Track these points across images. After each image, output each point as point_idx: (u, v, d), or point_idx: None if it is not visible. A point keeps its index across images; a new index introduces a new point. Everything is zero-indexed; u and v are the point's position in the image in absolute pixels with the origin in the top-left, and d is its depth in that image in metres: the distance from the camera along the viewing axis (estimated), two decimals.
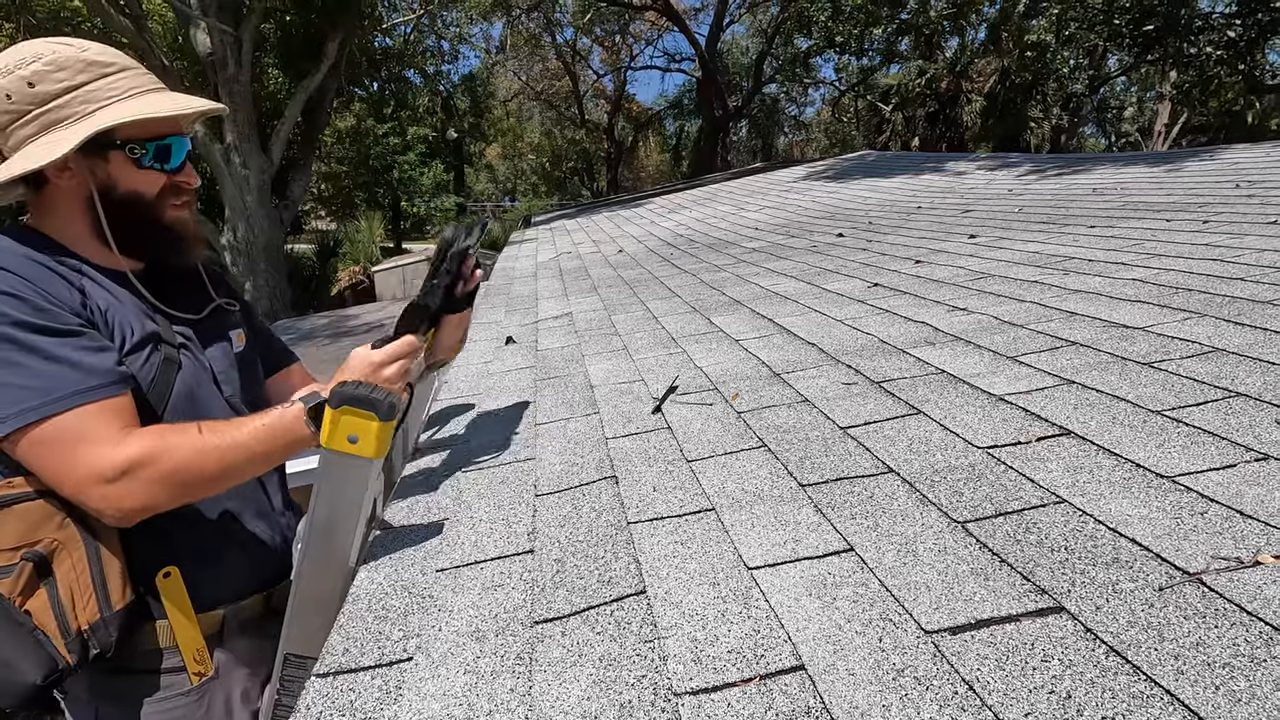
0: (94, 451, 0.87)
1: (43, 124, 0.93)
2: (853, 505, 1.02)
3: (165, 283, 1.08)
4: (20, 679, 0.88)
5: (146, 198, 1.00)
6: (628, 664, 0.75)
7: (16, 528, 0.90)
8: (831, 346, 1.84)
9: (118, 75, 0.97)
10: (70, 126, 0.92)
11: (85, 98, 0.94)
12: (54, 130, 0.93)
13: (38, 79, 0.92)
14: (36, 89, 0.91)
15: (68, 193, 0.97)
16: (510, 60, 26.52)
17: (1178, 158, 5.11)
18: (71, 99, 0.93)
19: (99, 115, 0.93)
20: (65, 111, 0.93)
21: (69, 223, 0.99)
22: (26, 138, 0.93)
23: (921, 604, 0.78)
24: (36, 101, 0.92)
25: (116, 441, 0.88)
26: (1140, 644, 0.67)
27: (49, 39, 0.97)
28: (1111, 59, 17.26)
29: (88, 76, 0.94)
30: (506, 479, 1.28)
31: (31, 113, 0.92)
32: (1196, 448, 1.04)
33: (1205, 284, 1.89)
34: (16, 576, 0.89)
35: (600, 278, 3.81)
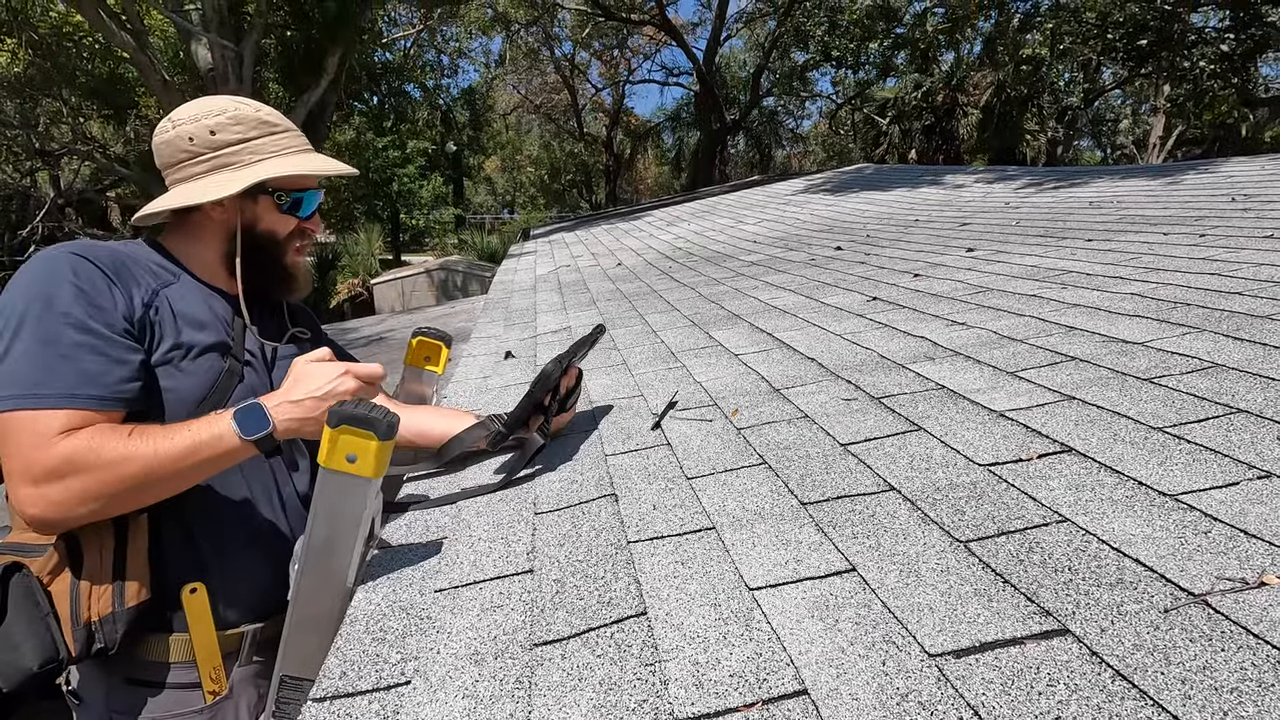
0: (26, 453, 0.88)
1: (214, 165, 1.09)
2: (854, 524, 1.01)
3: (251, 308, 1.17)
4: (20, 662, 0.91)
5: (278, 237, 1.16)
6: (629, 688, 0.74)
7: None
8: (831, 361, 1.84)
9: (280, 135, 1.13)
10: (237, 171, 1.09)
11: (253, 149, 1.10)
12: (223, 171, 1.09)
13: (219, 129, 1.08)
14: (216, 137, 1.08)
15: (215, 222, 1.12)
16: (509, 74, 26.72)
17: (1173, 171, 5.14)
18: (242, 149, 1.09)
19: (262, 165, 1.09)
20: (234, 158, 1.09)
21: (204, 246, 1.13)
22: (195, 175, 1.09)
23: (925, 626, 0.77)
24: (214, 147, 1.08)
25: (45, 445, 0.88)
26: (1146, 667, 0.67)
27: (233, 98, 1.14)
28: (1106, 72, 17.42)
29: (258, 133, 1.11)
30: (505, 496, 1.28)
31: (206, 156, 1.08)
32: (1199, 465, 1.04)
33: (1204, 298, 1.90)
34: (48, 557, 0.95)
35: (599, 291, 3.81)
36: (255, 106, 1.12)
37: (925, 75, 18.79)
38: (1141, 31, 10.18)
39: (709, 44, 20.23)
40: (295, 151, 1.15)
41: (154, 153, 1.13)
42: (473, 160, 29.93)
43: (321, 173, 1.16)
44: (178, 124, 1.09)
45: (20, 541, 0.98)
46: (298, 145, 1.15)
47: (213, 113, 1.09)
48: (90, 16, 8.47)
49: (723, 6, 19.33)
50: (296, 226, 1.18)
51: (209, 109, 1.09)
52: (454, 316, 5.92)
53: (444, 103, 22.64)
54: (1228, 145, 14.71)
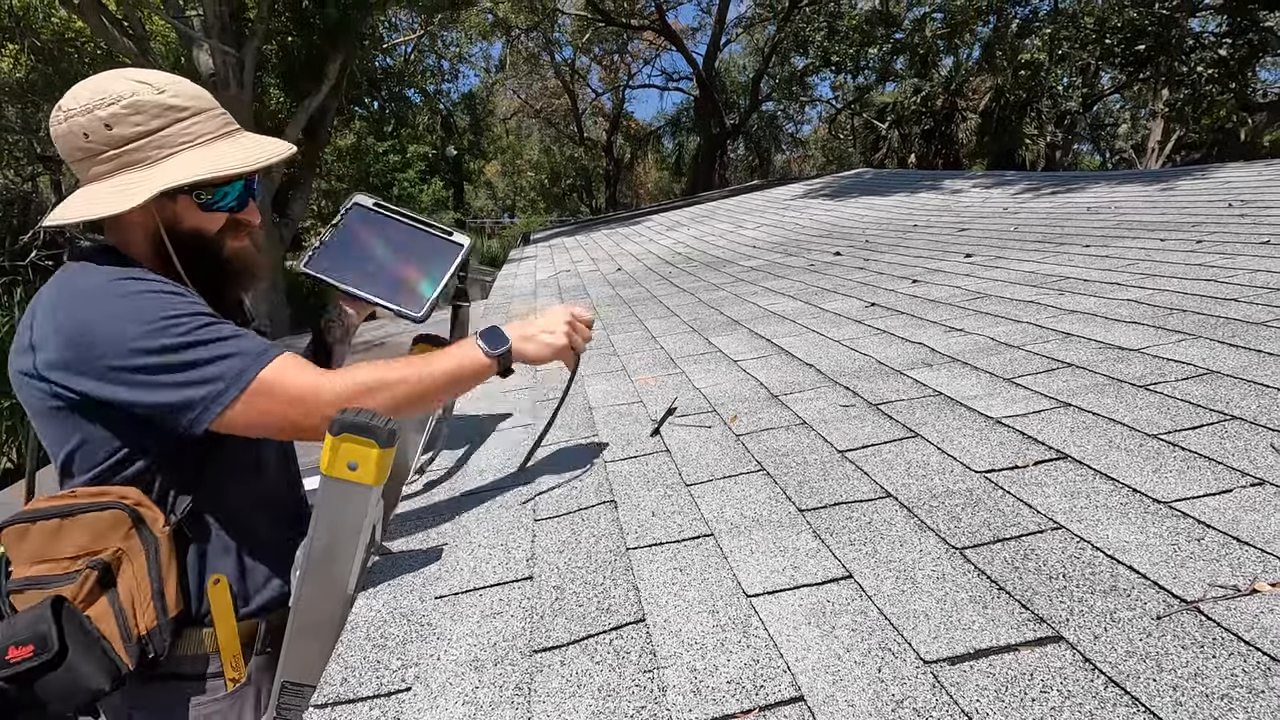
0: (315, 386, 0.98)
1: (118, 164, 0.97)
2: (851, 531, 1.02)
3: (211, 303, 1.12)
4: (87, 685, 0.92)
5: (207, 234, 1.06)
6: (627, 694, 0.75)
7: (79, 538, 0.96)
8: (829, 367, 1.85)
9: (192, 120, 1.00)
10: (143, 170, 0.97)
11: (159, 143, 0.98)
12: (128, 171, 0.97)
13: (115, 121, 0.95)
14: (113, 131, 0.95)
15: (137, 225, 1.03)
16: (509, 79, 26.79)
17: (1171, 176, 5.15)
18: (146, 144, 0.97)
19: (168, 164, 0.98)
20: (139, 155, 0.97)
21: (138, 247, 1.04)
22: (101, 174, 0.98)
23: (920, 633, 0.78)
24: (112, 144, 0.96)
25: (331, 378, 1.00)
26: (1139, 674, 0.67)
27: (130, 73, 0.99)
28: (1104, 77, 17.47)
29: (163, 122, 0.98)
30: (505, 503, 1.28)
31: (107, 153, 0.96)
32: (1193, 472, 1.04)
33: (1199, 305, 1.91)
34: (80, 583, 0.94)
35: (599, 296, 3.82)
36: (158, 87, 0.97)
37: (924, 80, 18.84)
38: (1139, 36, 10.21)
39: (709, 49, 20.29)
40: (210, 138, 1.01)
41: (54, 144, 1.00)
42: (473, 165, 30.00)
43: (240, 169, 1.01)
44: (69, 115, 0.95)
45: (37, 575, 0.96)
46: (215, 130, 1.02)
47: (106, 101, 0.94)
48: (92, 23, 8.51)
49: (722, 11, 19.41)
50: (228, 219, 1.06)
51: (102, 96, 0.94)
52: None
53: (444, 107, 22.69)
54: (1226, 150, 14.74)
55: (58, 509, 0.96)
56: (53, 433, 1.00)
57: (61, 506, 0.97)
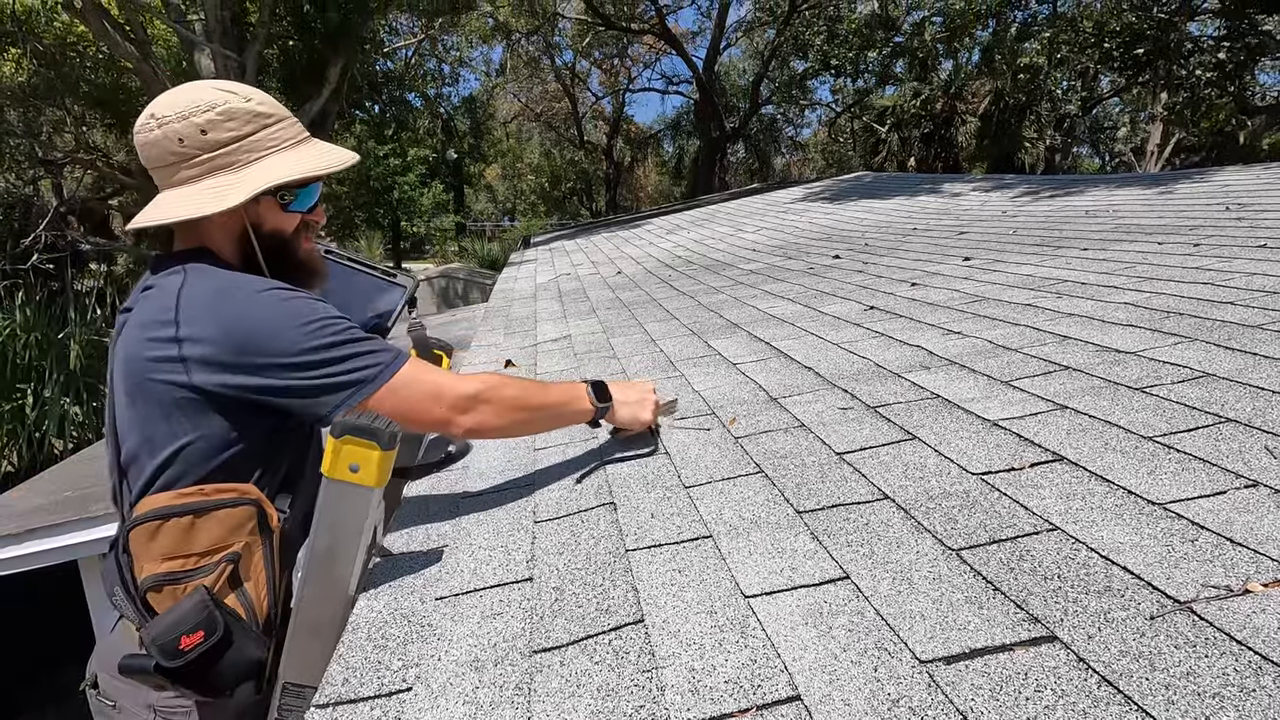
0: (447, 383, 1.10)
1: (210, 168, 1.02)
2: (849, 532, 1.03)
3: None
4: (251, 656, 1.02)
5: (286, 234, 1.12)
6: (626, 694, 0.76)
7: (214, 533, 1.01)
8: (828, 370, 1.86)
9: (276, 126, 1.07)
10: (236, 172, 1.03)
11: (249, 147, 1.04)
12: (220, 174, 1.02)
13: (210, 127, 1.00)
14: (209, 136, 1.01)
15: (221, 226, 1.07)
16: (510, 83, 26.85)
17: (1169, 179, 5.17)
18: (237, 148, 1.03)
19: (261, 165, 1.04)
20: (230, 158, 1.02)
21: (224, 248, 1.09)
22: (191, 178, 1.02)
23: (916, 633, 0.79)
24: (207, 148, 1.01)
25: (459, 378, 1.12)
26: (1132, 673, 0.68)
27: (217, 84, 1.05)
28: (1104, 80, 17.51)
29: (253, 128, 1.04)
30: (505, 505, 1.29)
31: (200, 157, 1.01)
32: (1188, 474, 1.05)
33: (1196, 308, 1.92)
34: (218, 575, 1.01)
35: (599, 299, 3.83)
36: (244, 96, 1.04)
37: (924, 83, 18.88)
38: (1138, 40, 10.25)
39: (708, 53, 20.36)
40: (293, 143, 1.08)
41: (139, 151, 1.05)
42: (473, 168, 30.04)
43: (325, 170, 1.09)
44: (164, 122, 1.00)
45: (169, 570, 1.00)
46: (294, 135, 1.09)
47: (201, 108, 1.00)
48: (94, 27, 8.53)
49: (722, 15, 19.47)
50: (301, 220, 1.14)
51: (196, 103, 1.00)
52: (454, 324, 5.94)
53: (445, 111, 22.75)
54: (1225, 153, 14.77)
55: (190, 506, 1.00)
56: (169, 425, 1.00)
57: (193, 504, 1.00)
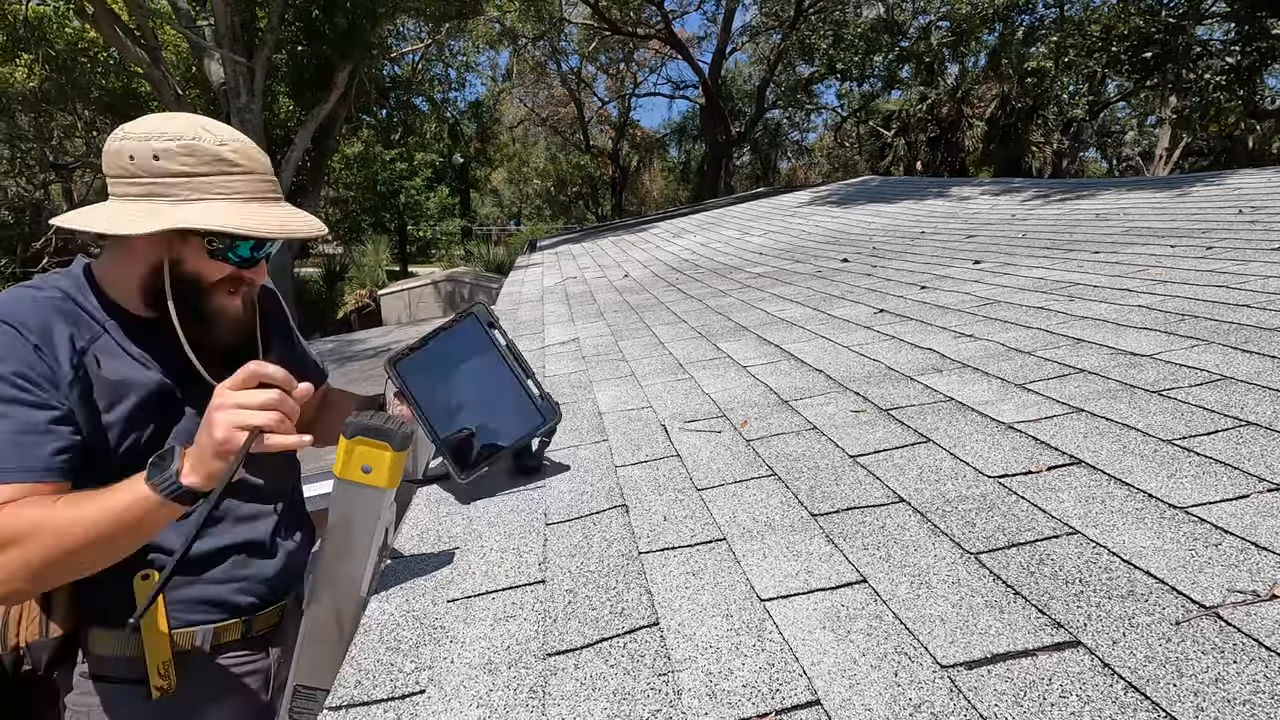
0: None
1: (146, 192, 0.98)
2: (864, 535, 1.02)
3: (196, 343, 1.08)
4: None
5: (204, 282, 1.05)
6: (642, 698, 0.75)
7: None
8: (839, 373, 1.85)
9: (235, 177, 1.01)
10: (172, 204, 0.98)
11: (195, 186, 0.99)
12: (156, 201, 0.98)
13: (164, 155, 0.97)
14: (159, 163, 0.97)
15: (140, 249, 1.02)
16: (516, 87, 26.96)
17: (1180, 183, 5.14)
18: (181, 183, 0.98)
19: (194, 207, 0.98)
20: (170, 190, 0.98)
21: (129, 270, 1.04)
22: (127, 195, 0.99)
23: (937, 638, 0.77)
24: (151, 173, 0.98)
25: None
26: (1159, 679, 0.67)
27: (201, 120, 1.01)
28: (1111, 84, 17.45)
29: (209, 170, 0.99)
30: (516, 507, 1.29)
31: (142, 179, 0.98)
32: (1209, 478, 1.04)
33: (1211, 310, 1.90)
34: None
35: (606, 303, 3.83)
36: (221, 139, 1.00)
37: (930, 88, 18.87)
38: (1146, 44, 10.22)
39: (714, 57, 20.38)
40: (245, 198, 1.02)
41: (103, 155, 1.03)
42: (479, 172, 30.14)
43: (261, 232, 1.01)
44: (126, 137, 0.99)
45: None
46: (251, 191, 1.03)
47: (165, 135, 0.98)
48: (105, 32, 8.61)
49: (728, 20, 19.50)
50: (231, 273, 1.06)
51: (164, 130, 0.98)
52: None
53: (451, 116, 22.85)
54: (1234, 157, 14.69)
55: None
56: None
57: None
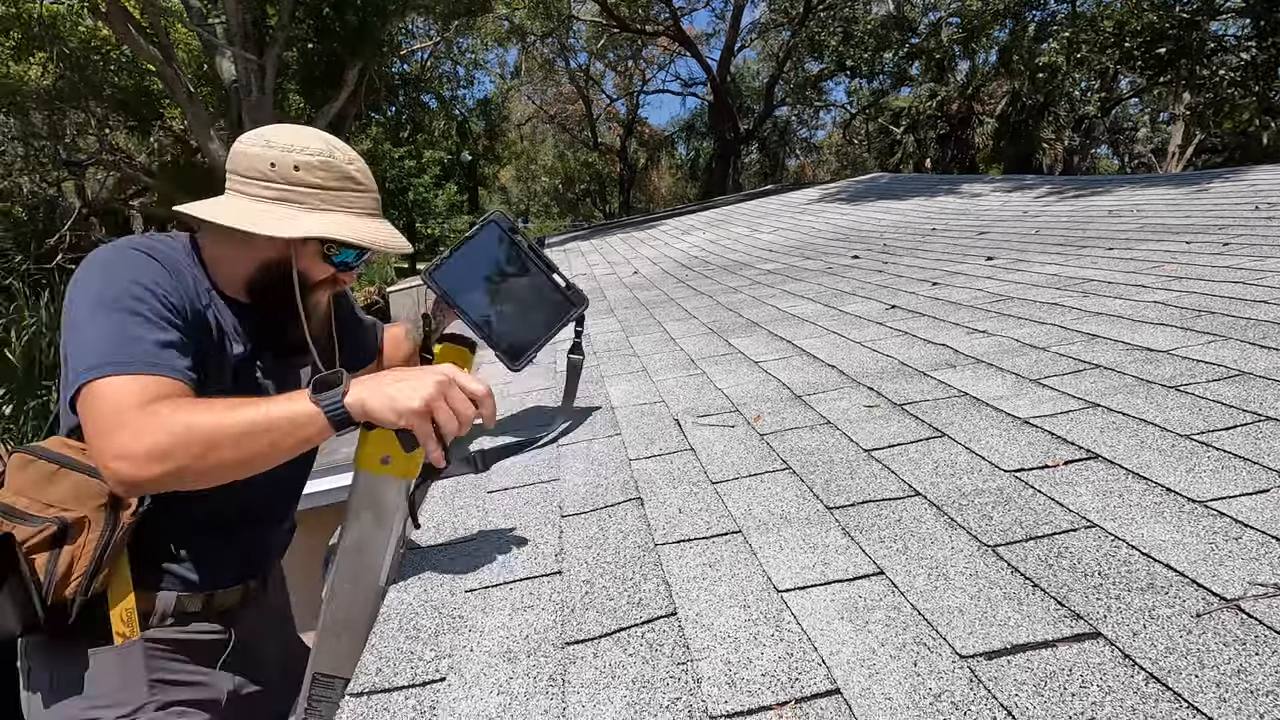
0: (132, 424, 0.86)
1: (279, 197, 1.08)
2: (881, 528, 1.02)
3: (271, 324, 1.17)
4: (4, 625, 0.96)
5: (310, 280, 1.15)
6: (662, 686, 0.75)
7: (64, 491, 0.99)
8: (851, 368, 1.84)
9: (357, 192, 1.13)
10: (301, 212, 1.08)
11: (325, 198, 1.09)
12: (286, 206, 1.08)
13: (304, 167, 1.08)
14: (298, 174, 1.07)
15: (260, 244, 1.10)
16: (524, 85, 26.98)
17: (1196, 179, 5.09)
18: (314, 194, 1.09)
19: (325, 217, 1.09)
20: (303, 199, 1.08)
21: (238, 265, 1.12)
22: (258, 196, 1.08)
23: (955, 629, 0.78)
24: (289, 181, 1.07)
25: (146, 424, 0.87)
26: (1180, 670, 0.67)
27: (327, 137, 1.12)
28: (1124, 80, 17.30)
29: (338, 185, 1.10)
30: (531, 500, 1.29)
31: (278, 185, 1.07)
32: (1228, 472, 1.03)
33: (1228, 307, 1.88)
34: (39, 530, 0.97)
35: (616, 299, 3.83)
36: (349, 159, 1.12)
37: (940, 84, 18.75)
38: (1160, 40, 10.11)
39: (723, 54, 20.31)
40: (362, 214, 1.13)
41: (231, 154, 1.12)
42: (487, 169, 30.17)
43: (377, 245, 1.13)
44: (269, 145, 1.08)
45: (10, 505, 0.99)
46: (368, 208, 1.15)
47: (306, 150, 1.08)
48: (119, 30, 8.67)
49: (737, 17, 19.43)
50: (331, 275, 1.17)
51: (304, 144, 1.08)
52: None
53: (460, 113, 22.88)
54: (1248, 154, 14.53)
55: (62, 457, 1.00)
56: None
57: (65, 457, 1.00)
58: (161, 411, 0.88)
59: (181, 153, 12.24)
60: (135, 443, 0.86)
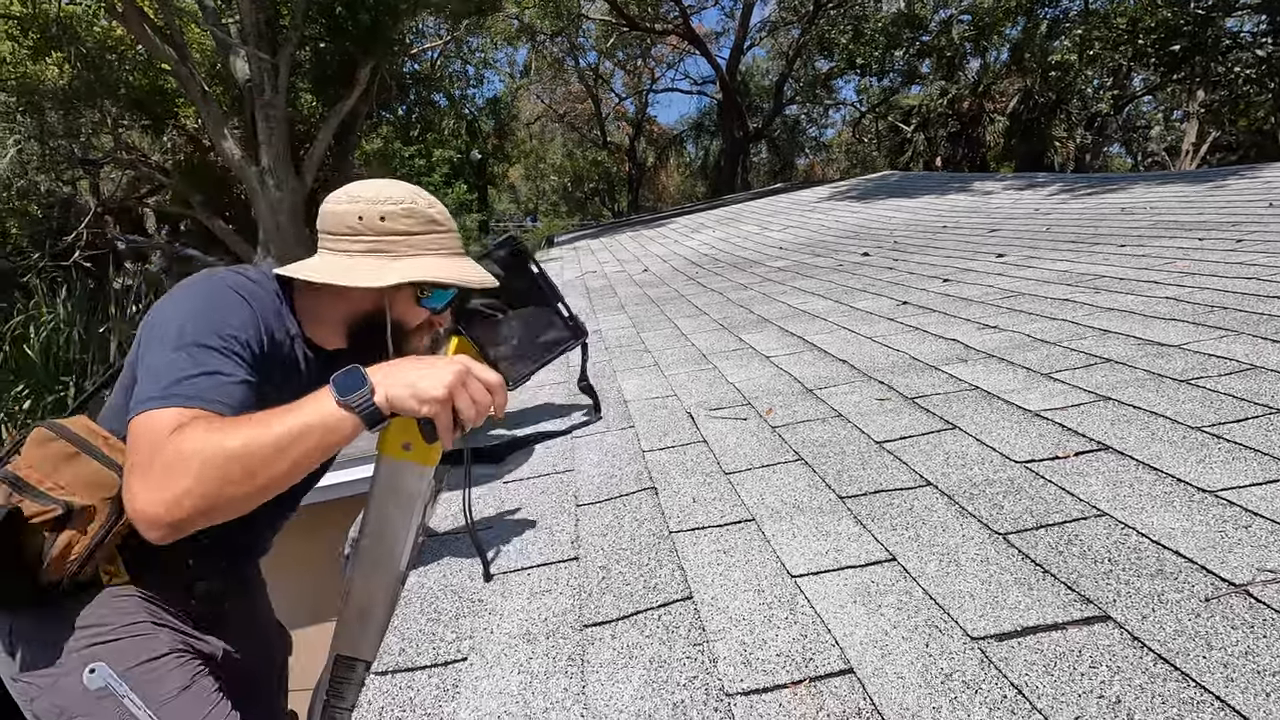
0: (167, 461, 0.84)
1: (370, 248, 1.10)
2: (892, 517, 1.03)
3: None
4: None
5: (406, 326, 1.18)
6: (678, 665, 0.77)
7: (77, 476, 0.99)
8: (862, 363, 1.85)
9: (440, 234, 1.15)
10: (391, 260, 1.10)
11: (411, 243, 1.12)
12: (377, 257, 1.10)
13: (389, 217, 1.10)
14: (384, 224, 1.10)
15: (351, 300, 1.13)
16: (534, 83, 27.02)
17: (1209, 176, 5.06)
18: (401, 241, 1.11)
19: (416, 262, 1.11)
20: (391, 247, 1.11)
21: (330, 310, 1.14)
22: (349, 251, 1.11)
23: (966, 612, 0.79)
24: (377, 232, 1.10)
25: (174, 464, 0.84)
26: (1189, 652, 0.68)
27: (407, 186, 1.15)
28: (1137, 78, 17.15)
29: (422, 229, 1.13)
30: (547, 490, 1.32)
31: (367, 238, 1.10)
32: (1239, 463, 1.04)
33: (1241, 302, 1.88)
34: (45, 510, 0.97)
35: (627, 296, 3.85)
36: (430, 202, 1.15)
37: (951, 82, 18.64)
38: (1174, 36, 10.02)
39: (732, 53, 20.29)
40: (448, 253, 1.16)
41: (320, 215, 1.16)
42: (497, 168, 30.24)
43: (467, 283, 1.15)
44: (354, 201, 1.11)
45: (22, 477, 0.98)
46: (452, 247, 1.17)
47: (390, 199, 1.11)
48: (135, 30, 8.76)
49: (746, 15, 19.39)
50: (426, 319, 1.20)
51: (389, 195, 1.11)
52: None
53: (470, 112, 22.94)
54: (1264, 152, 14.38)
55: (82, 440, 1.00)
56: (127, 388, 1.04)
57: (86, 441, 1.00)
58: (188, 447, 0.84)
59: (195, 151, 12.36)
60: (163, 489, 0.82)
